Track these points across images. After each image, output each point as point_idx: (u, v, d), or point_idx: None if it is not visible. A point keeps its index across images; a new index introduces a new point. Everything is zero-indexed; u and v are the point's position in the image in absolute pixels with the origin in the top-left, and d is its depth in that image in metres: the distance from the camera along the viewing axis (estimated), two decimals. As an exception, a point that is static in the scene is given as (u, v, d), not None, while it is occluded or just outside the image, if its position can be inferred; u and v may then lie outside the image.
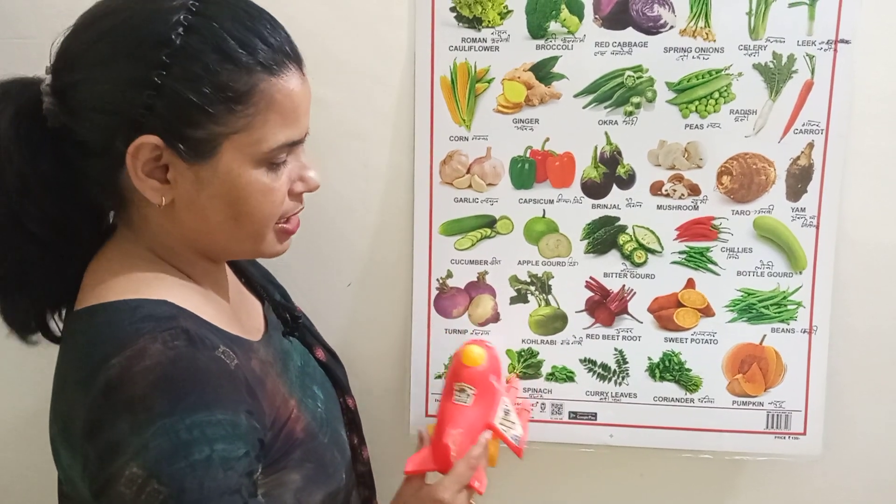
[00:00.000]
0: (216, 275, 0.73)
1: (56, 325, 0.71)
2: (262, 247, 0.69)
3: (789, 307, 0.92)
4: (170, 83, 0.59)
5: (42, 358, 0.70)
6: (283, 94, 0.63)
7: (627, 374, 0.95)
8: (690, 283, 0.93)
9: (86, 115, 0.62)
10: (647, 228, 0.93)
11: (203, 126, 0.61)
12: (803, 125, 0.89)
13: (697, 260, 0.93)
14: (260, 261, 0.89)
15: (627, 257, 0.93)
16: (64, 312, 0.71)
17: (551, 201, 0.93)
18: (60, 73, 0.63)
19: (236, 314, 0.74)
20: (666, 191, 0.92)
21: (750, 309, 0.93)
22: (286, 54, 0.64)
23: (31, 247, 0.65)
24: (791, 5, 0.87)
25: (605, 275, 0.94)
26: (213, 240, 0.67)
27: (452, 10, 0.89)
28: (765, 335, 0.93)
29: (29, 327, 0.69)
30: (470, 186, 0.93)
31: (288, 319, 0.83)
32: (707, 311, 0.93)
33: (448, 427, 0.82)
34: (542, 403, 0.96)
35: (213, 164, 0.63)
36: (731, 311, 0.93)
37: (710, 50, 0.88)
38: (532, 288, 0.95)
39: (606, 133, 0.91)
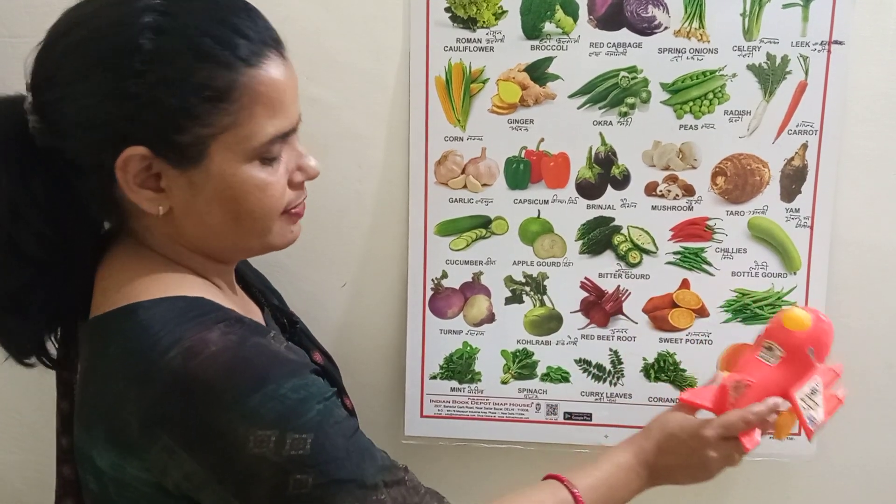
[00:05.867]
0: (227, 277, 0.73)
1: (53, 345, 0.70)
2: (269, 240, 0.67)
3: (784, 308, 0.92)
4: (148, 91, 0.58)
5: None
6: (265, 85, 0.61)
7: (622, 374, 0.95)
8: (685, 284, 0.93)
9: (70, 132, 0.60)
10: (642, 229, 0.93)
11: (189, 130, 0.59)
12: (797, 126, 0.89)
13: (692, 260, 0.93)
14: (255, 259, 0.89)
15: (622, 258, 0.93)
16: (59, 331, 0.69)
17: (546, 202, 0.93)
18: (38, 91, 0.61)
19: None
20: (660, 191, 0.92)
21: (744, 309, 0.93)
22: (265, 43, 0.62)
23: (26, 270, 0.63)
24: (785, 7, 0.87)
25: (600, 275, 0.94)
26: (218, 241, 0.66)
27: (447, 10, 0.89)
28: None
29: (26, 351, 0.68)
30: (465, 187, 0.93)
31: (286, 325, 0.82)
32: (702, 312, 0.93)
33: (737, 375, 0.77)
34: (537, 404, 0.96)
35: (205, 167, 0.61)
36: (726, 311, 0.93)
37: (705, 51, 0.88)
38: (527, 288, 0.95)
39: (601, 134, 0.91)
